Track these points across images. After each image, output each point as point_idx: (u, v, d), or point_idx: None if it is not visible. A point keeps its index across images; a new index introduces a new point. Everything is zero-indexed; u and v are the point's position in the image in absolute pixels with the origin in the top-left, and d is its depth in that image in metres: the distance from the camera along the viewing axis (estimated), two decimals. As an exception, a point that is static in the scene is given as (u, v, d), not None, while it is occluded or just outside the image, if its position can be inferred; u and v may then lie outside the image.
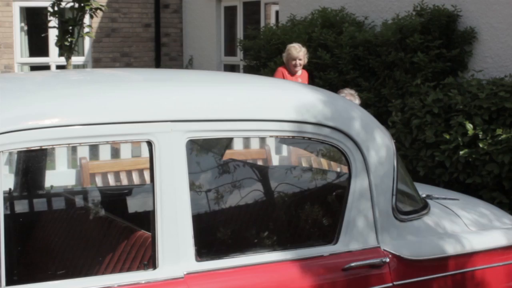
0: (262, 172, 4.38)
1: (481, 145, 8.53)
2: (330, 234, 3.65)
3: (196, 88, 3.59)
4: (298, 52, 9.29)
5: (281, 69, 9.36)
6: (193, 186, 3.36)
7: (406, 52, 9.99)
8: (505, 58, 9.71)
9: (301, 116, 3.56)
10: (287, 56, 9.33)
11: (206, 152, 3.75)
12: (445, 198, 4.56)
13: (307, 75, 9.59)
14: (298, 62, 9.31)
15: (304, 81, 9.32)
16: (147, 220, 3.27)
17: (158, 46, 15.51)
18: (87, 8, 11.01)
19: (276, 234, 3.78)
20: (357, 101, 8.39)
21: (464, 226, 4.18)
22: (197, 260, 3.23)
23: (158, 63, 15.40)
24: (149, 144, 3.18)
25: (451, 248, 3.93)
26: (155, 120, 3.20)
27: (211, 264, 3.29)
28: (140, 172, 6.32)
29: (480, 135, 8.60)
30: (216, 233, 3.64)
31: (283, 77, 9.09)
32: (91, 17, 11.75)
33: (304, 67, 9.61)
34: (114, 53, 15.10)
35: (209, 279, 3.24)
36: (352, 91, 8.58)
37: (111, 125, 3.14)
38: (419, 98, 9.50)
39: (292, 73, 9.29)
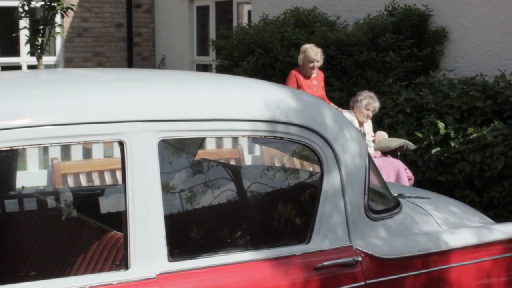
0: (235, 172, 4.38)
1: (452, 144, 8.59)
2: (303, 234, 3.66)
3: (168, 88, 3.58)
4: (316, 54, 8.99)
5: (294, 73, 9.10)
6: (165, 186, 3.35)
7: (378, 51, 10.04)
8: (475, 58, 9.78)
9: (273, 116, 3.56)
10: (304, 58, 9.02)
11: (179, 152, 3.74)
12: (417, 197, 4.58)
13: (323, 75, 9.37)
14: (315, 64, 9.02)
15: (320, 82, 9.16)
16: (119, 220, 3.26)
17: (130, 45, 15.45)
18: (58, 7, 10.95)
19: (249, 234, 3.78)
20: (376, 103, 8.52)
21: (436, 225, 4.21)
22: (169, 260, 3.22)
23: (130, 63, 15.35)
24: (121, 144, 3.16)
25: (423, 247, 3.95)
26: (127, 120, 3.18)
27: (184, 264, 3.28)
28: (112, 172, 6.29)
29: (451, 134, 8.67)
30: (189, 233, 3.64)
31: (297, 82, 8.92)
32: (62, 16, 11.68)
33: (278, 65, 9.63)
34: (86, 53, 15.02)
35: (181, 279, 3.24)
36: (371, 94, 8.64)
37: (83, 125, 3.12)
38: (391, 97, 9.56)
39: (307, 76, 9.05)
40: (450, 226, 4.28)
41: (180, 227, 3.53)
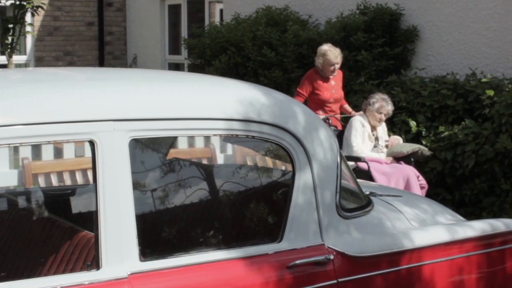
0: (207, 171, 4.37)
1: (424, 142, 8.65)
2: (275, 232, 3.66)
3: (139, 87, 3.56)
4: (336, 57, 8.66)
5: (310, 75, 8.78)
6: (136, 186, 3.34)
7: (350, 50, 10.06)
8: (447, 56, 9.84)
9: (244, 115, 3.56)
10: (324, 61, 8.64)
11: (150, 151, 3.72)
12: (388, 195, 4.60)
13: (341, 74, 9.07)
14: (336, 66, 8.70)
15: (339, 82, 8.89)
16: (90, 220, 3.24)
17: (102, 44, 15.38)
18: (28, 6, 10.88)
19: (221, 233, 3.77)
20: (389, 106, 8.27)
21: (407, 222, 4.23)
22: (141, 260, 3.21)
23: (101, 62, 15.28)
24: (92, 143, 3.15)
25: (394, 244, 3.96)
26: (97, 119, 3.16)
27: (156, 263, 3.27)
28: (84, 172, 6.25)
29: (423, 132, 8.72)
30: (161, 233, 3.62)
31: (312, 85, 8.65)
32: (33, 15, 11.60)
33: (250, 64, 9.60)
34: (57, 52, 14.93)
35: (153, 279, 3.23)
36: (385, 96, 8.38)
37: (53, 125, 3.10)
38: (363, 96, 9.58)
39: (326, 77, 8.71)
40: (422, 223, 4.31)
41: (152, 227, 3.52)
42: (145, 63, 15.12)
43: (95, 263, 3.15)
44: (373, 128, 8.35)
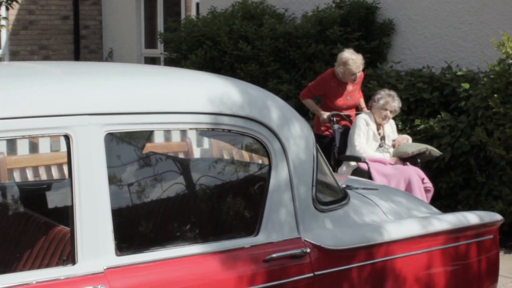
0: (183, 165, 4.36)
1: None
2: (251, 226, 3.66)
3: (115, 81, 3.56)
4: (358, 67, 8.19)
5: (327, 78, 8.37)
6: (112, 180, 3.33)
7: (326, 44, 10.07)
8: (422, 50, 9.87)
9: (220, 108, 3.57)
10: (345, 71, 8.17)
11: (126, 145, 3.71)
12: (364, 188, 4.62)
13: (362, 76, 8.58)
14: (358, 75, 8.26)
15: (357, 86, 8.47)
16: (66, 215, 3.23)
17: (77, 38, 15.31)
18: (1, 0, 10.80)
19: (197, 227, 3.77)
20: (396, 103, 7.92)
21: (383, 215, 4.24)
22: (117, 255, 3.20)
23: (77, 56, 15.21)
24: (67, 138, 3.14)
25: (371, 237, 3.98)
26: (73, 113, 3.15)
27: (132, 258, 3.26)
28: (59, 166, 6.22)
29: (399, 126, 8.74)
30: (137, 227, 3.61)
31: (327, 87, 8.31)
32: (7, 9, 11.51)
33: (227, 58, 9.57)
34: (32, 46, 14.84)
35: (130, 273, 3.22)
36: (391, 92, 8.02)
37: (28, 119, 3.08)
38: (339, 89, 9.57)
39: (344, 82, 8.30)
40: (397, 216, 4.32)
41: (128, 221, 3.51)
42: (121, 57, 15.07)
43: (71, 258, 3.14)
44: (380, 127, 8.00)
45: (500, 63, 7.90)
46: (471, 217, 4.55)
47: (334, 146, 8.16)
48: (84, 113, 3.18)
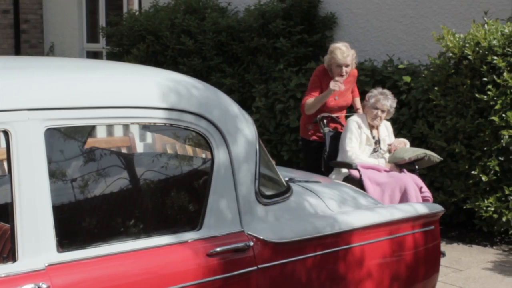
0: (126, 160, 4.33)
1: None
2: (195, 220, 3.66)
3: (55, 76, 3.52)
4: (345, 56, 7.44)
5: (319, 72, 7.72)
6: (53, 176, 3.29)
7: (269, 37, 10.09)
8: (364, 43, 9.95)
9: (163, 103, 3.56)
10: (331, 60, 7.51)
11: (67, 140, 3.66)
12: (307, 181, 4.64)
13: (356, 75, 7.96)
14: (344, 70, 7.45)
15: (348, 86, 7.75)
16: (5, 212, 3.18)
17: (18, 33, 15.09)
18: None
19: (140, 222, 3.75)
20: (387, 101, 7.26)
21: (326, 208, 4.27)
22: (58, 251, 3.17)
23: (18, 51, 15.00)
24: (6, 133, 3.09)
25: (314, 230, 4.01)
26: (11, 109, 3.11)
27: (74, 254, 3.23)
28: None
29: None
30: (79, 223, 3.58)
31: (321, 82, 7.56)
32: None
33: (169, 53, 9.50)
34: (-29, 41, 14.61)
35: (72, 269, 3.19)
36: (384, 90, 7.40)
37: (-35, 115, 3.04)
38: (282, 83, 9.63)
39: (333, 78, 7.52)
40: (340, 208, 4.36)
41: (70, 217, 3.48)
42: (63, 52, 14.90)
43: (11, 255, 3.10)
44: (374, 129, 7.40)
45: (440, 56, 8.00)
46: (412, 208, 4.61)
47: (324, 151, 7.49)
48: (23, 108, 3.13)
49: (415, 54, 9.47)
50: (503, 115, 7.36)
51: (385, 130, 7.51)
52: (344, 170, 7.16)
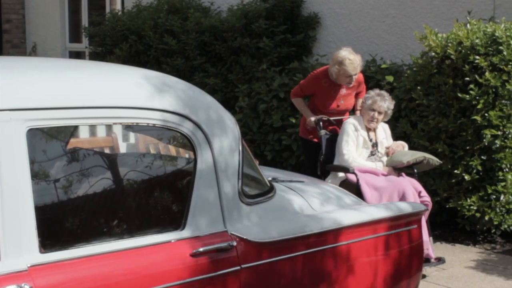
0: (109, 160, 4.32)
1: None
2: (178, 220, 3.66)
3: (38, 76, 3.50)
4: (355, 68, 7.33)
5: (320, 76, 7.57)
6: (35, 177, 3.27)
7: (252, 37, 10.10)
8: (347, 43, 9.96)
9: (145, 103, 3.55)
10: (340, 71, 7.33)
11: (49, 141, 3.65)
12: (291, 181, 4.64)
13: (361, 76, 7.77)
14: (354, 78, 7.41)
15: (352, 90, 7.69)
16: (-13, 212, 3.16)
17: (0, 33, 15.02)
18: None
19: (124, 222, 3.74)
20: (384, 103, 7.11)
21: (309, 207, 4.27)
22: (41, 252, 3.16)
23: (-1, 51, 14.95)
24: (-13, 134, 3.08)
25: (297, 229, 4.01)
26: (-7, 109, 3.10)
27: (57, 255, 3.22)
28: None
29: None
30: (62, 224, 3.57)
31: (318, 87, 7.56)
32: None
33: (152, 52, 9.47)
34: (-48, 41, 14.53)
35: (55, 270, 3.18)
36: (382, 92, 7.26)
37: None
38: (266, 83, 9.64)
39: (338, 84, 7.52)
40: (324, 208, 4.36)
41: (52, 218, 3.46)
42: (45, 52, 14.85)
43: (-7, 257, 3.08)
44: (371, 132, 7.24)
45: (423, 56, 8.03)
46: (396, 207, 4.62)
47: (320, 155, 7.38)
48: (5, 108, 3.12)
49: (398, 53, 9.50)
50: (485, 114, 7.40)
51: (383, 132, 7.35)
52: (341, 174, 7.03)
